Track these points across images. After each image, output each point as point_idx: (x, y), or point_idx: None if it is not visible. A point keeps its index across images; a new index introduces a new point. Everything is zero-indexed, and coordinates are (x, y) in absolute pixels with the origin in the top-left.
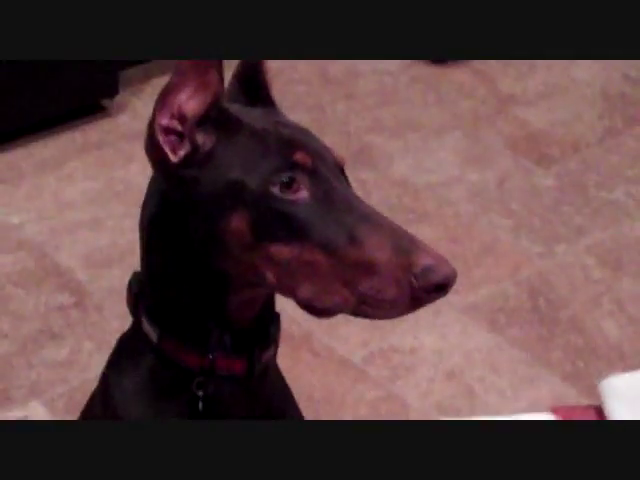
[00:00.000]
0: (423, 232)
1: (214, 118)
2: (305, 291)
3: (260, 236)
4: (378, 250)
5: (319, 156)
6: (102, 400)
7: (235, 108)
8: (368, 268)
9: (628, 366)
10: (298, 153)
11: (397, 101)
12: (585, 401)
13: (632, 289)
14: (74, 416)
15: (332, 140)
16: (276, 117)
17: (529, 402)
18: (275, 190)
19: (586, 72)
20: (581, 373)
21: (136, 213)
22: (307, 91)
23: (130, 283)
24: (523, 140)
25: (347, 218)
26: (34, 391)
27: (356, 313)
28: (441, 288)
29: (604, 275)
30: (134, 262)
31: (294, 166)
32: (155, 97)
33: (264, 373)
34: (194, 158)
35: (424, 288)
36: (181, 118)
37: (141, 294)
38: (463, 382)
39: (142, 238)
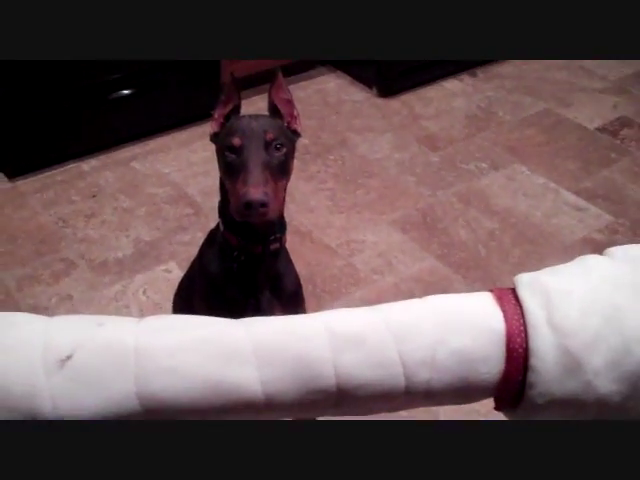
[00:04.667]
0: (368, 183)
1: (233, 116)
2: (230, 204)
3: (225, 175)
4: (240, 184)
5: (249, 138)
6: (198, 259)
7: (247, 115)
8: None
9: (472, 254)
10: (235, 138)
11: (361, 116)
12: (446, 270)
13: (475, 215)
14: None
15: (328, 135)
16: (261, 120)
17: (419, 269)
18: (226, 151)
19: (459, 102)
20: (446, 256)
21: None
22: (316, 109)
23: (219, 201)
24: (424, 138)
25: (241, 169)
26: (172, 257)
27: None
28: (249, 206)
29: (460, 207)
30: None
31: (232, 143)
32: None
33: (275, 255)
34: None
35: (242, 205)
36: (220, 115)
37: (220, 207)
38: (386, 259)
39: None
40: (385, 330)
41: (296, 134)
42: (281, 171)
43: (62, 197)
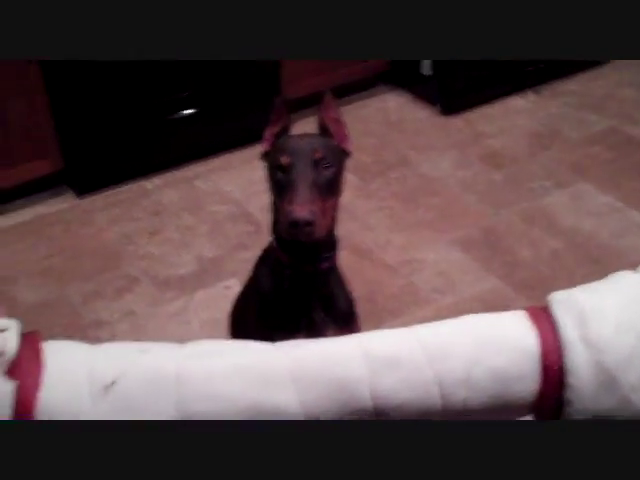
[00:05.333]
0: (429, 201)
1: (283, 135)
2: (279, 222)
3: (274, 194)
4: (286, 202)
5: (297, 157)
6: (252, 277)
7: (297, 134)
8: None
9: (535, 274)
10: (283, 156)
11: (423, 134)
12: (508, 290)
13: (538, 234)
14: None
15: (389, 153)
16: (311, 139)
17: (481, 288)
18: (274, 170)
19: (522, 120)
20: (509, 276)
21: None
22: (377, 127)
23: (271, 220)
24: (487, 156)
25: (288, 188)
26: (233, 274)
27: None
28: (295, 225)
29: (524, 226)
30: None
31: (280, 161)
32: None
33: (327, 274)
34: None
35: (288, 223)
36: (270, 134)
37: (272, 225)
38: (448, 277)
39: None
40: (420, 351)
41: (346, 153)
42: (330, 190)
43: (126, 214)
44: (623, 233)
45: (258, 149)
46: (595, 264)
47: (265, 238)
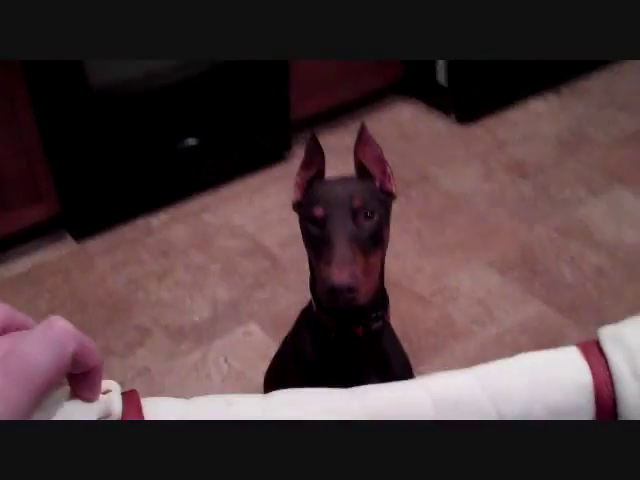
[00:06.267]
0: (457, 220)
1: (316, 181)
2: (317, 285)
3: (309, 250)
4: (323, 263)
5: (333, 208)
6: (292, 342)
7: (332, 178)
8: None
9: (581, 295)
10: (317, 208)
11: (442, 147)
12: (554, 314)
13: (578, 249)
14: (275, 330)
15: (408, 170)
16: (347, 184)
17: (524, 316)
18: (308, 223)
19: (545, 123)
20: (552, 298)
21: None
22: (393, 143)
23: (310, 278)
24: (512, 165)
25: (324, 245)
26: (251, 317)
27: None
28: (332, 292)
29: (561, 242)
30: None
31: (314, 214)
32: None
33: (378, 335)
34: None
35: (326, 289)
36: (302, 180)
37: (311, 284)
38: (485, 305)
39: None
40: (481, 392)
41: (391, 196)
42: (374, 243)
43: (132, 257)
44: None
45: (268, 174)
46: None
47: (283, 274)
